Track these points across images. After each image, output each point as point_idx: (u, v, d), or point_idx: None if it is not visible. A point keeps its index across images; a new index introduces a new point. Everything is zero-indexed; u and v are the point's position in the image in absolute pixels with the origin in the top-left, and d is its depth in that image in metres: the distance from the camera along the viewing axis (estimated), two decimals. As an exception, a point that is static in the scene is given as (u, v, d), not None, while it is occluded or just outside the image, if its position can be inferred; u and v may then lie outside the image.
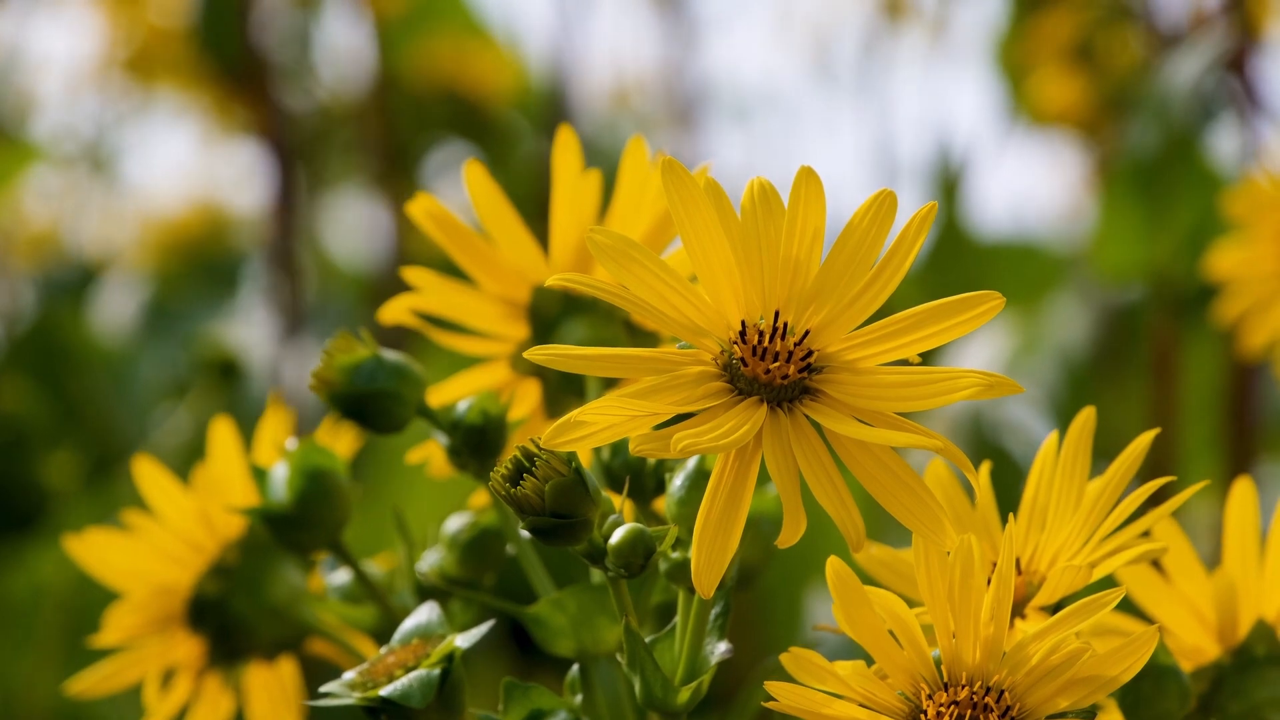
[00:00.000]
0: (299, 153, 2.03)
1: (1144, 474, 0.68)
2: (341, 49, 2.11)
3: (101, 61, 2.47)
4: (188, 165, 2.91)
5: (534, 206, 0.80)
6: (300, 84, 2.03)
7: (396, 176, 2.06)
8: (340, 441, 0.84)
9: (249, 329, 2.09)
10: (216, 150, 2.76)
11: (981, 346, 1.98)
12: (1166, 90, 1.54)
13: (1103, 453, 0.69)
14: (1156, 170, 1.53)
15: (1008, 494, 0.72)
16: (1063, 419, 1.78)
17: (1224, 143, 1.59)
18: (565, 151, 0.79)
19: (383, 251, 2.05)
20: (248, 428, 0.87)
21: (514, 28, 2.43)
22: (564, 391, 0.81)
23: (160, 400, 1.94)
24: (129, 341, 2.04)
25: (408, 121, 2.17)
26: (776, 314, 0.63)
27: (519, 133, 2.34)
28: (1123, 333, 1.82)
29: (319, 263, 2.11)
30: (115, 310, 2.15)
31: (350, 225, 2.38)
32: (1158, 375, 1.60)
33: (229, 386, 1.74)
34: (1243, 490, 0.74)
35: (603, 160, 0.80)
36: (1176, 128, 1.53)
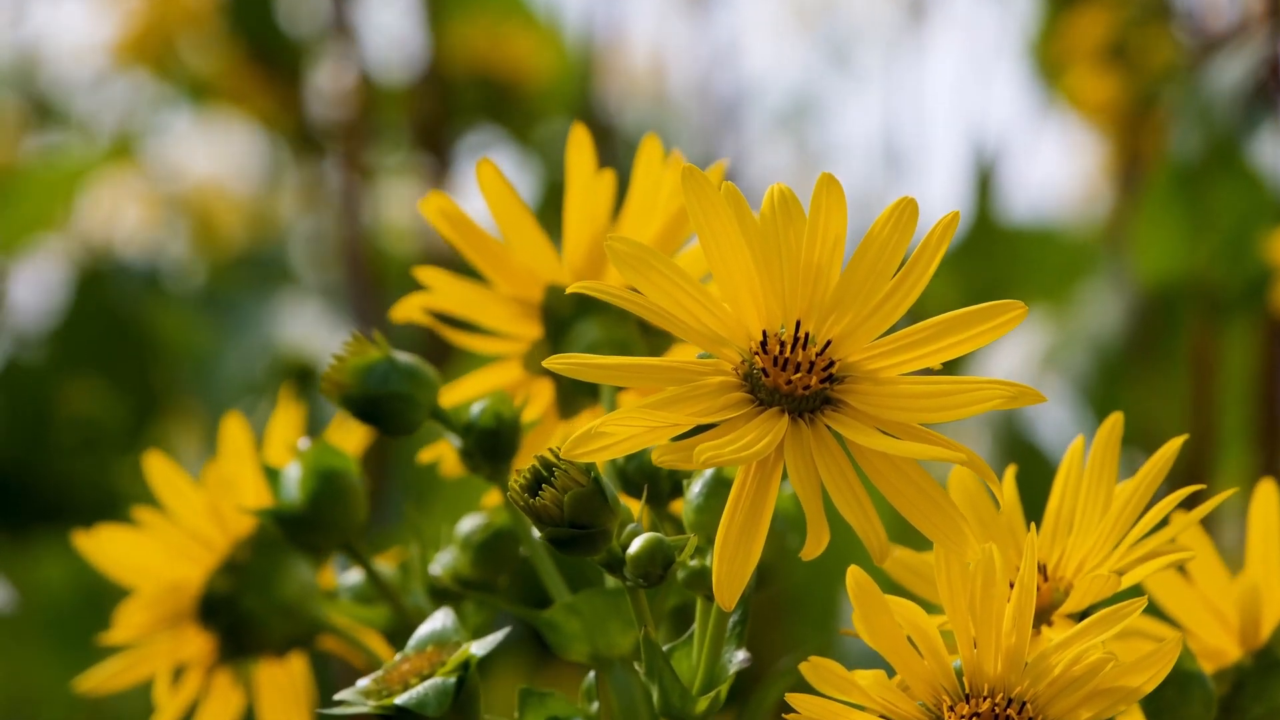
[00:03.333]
0: (332, 137, 2.02)
1: (1181, 468, 0.68)
2: (380, 30, 2.10)
3: (130, 44, 2.44)
4: (222, 152, 2.88)
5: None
6: (334, 66, 2.01)
7: (433, 160, 2.05)
8: (351, 440, 0.84)
9: (303, 321, 2.08)
10: (252, 138, 2.73)
11: (1016, 335, 1.97)
12: (1209, 95, 1.53)
13: (1138, 442, 0.69)
14: (1198, 175, 1.53)
15: (1039, 491, 0.72)
16: (1096, 407, 1.78)
17: (1265, 147, 1.58)
18: (579, 150, 0.78)
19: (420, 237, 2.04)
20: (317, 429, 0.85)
21: (553, 10, 2.41)
22: (577, 391, 0.80)
23: (242, 396, 1.93)
24: (206, 335, 2.02)
25: (441, 105, 2.15)
26: (798, 324, 0.62)
27: (555, 118, 2.32)
28: (1158, 322, 1.81)
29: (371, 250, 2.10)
30: (176, 302, 2.13)
31: (392, 211, 2.35)
32: (1196, 378, 1.60)
33: (306, 393, 1.73)
34: (1267, 492, 0.74)
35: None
36: (1219, 132, 1.52)
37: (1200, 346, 1.62)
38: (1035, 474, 0.76)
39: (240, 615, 0.85)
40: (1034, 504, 0.72)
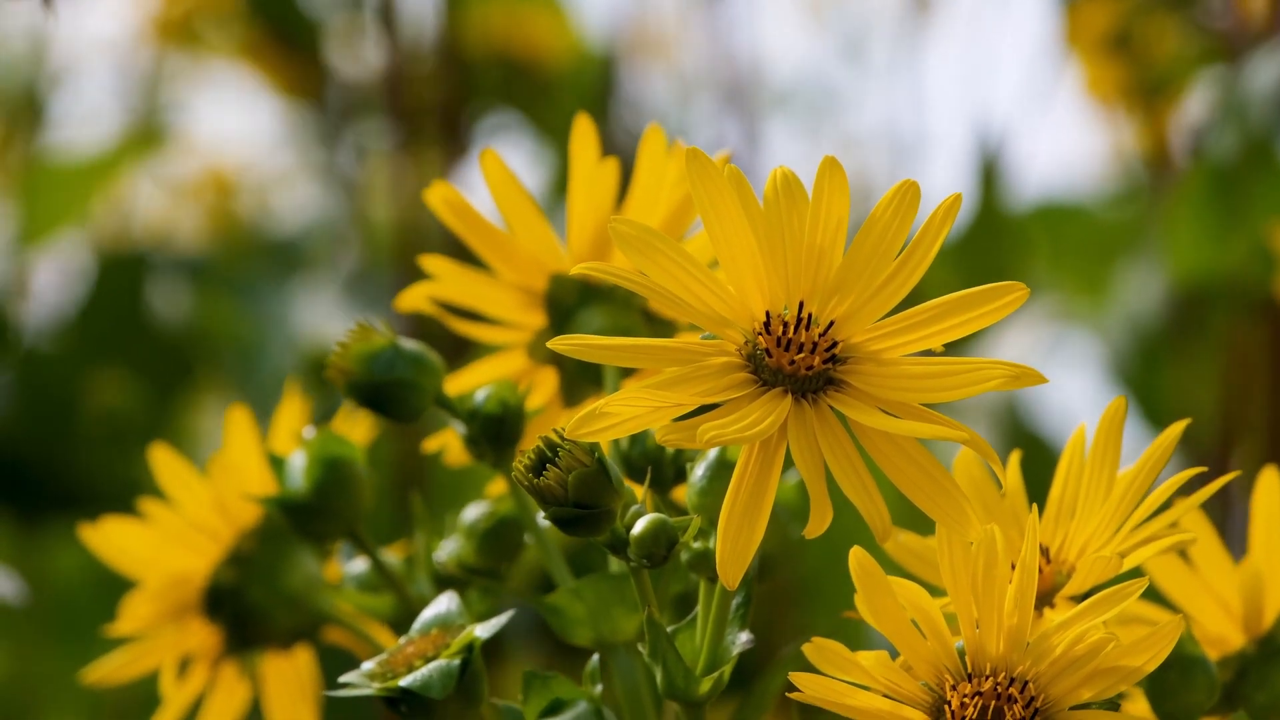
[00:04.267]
0: (354, 117, 2.01)
1: (1211, 455, 0.68)
2: (400, 10, 2.09)
3: (152, 24, 2.43)
4: (244, 138, 2.87)
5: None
6: (354, 46, 2.01)
7: (450, 142, 2.04)
8: (358, 429, 0.84)
9: (327, 307, 2.06)
10: (275, 123, 2.71)
11: (1029, 318, 1.97)
12: (1244, 94, 1.53)
13: (1169, 422, 0.69)
14: (1234, 175, 1.53)
15: (1041, 480, 0.72)
16: (1133, 387, 1.78)
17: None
18: (582, 140, 0.79)
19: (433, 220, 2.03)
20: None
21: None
22: (581, 379, 0.80)
23: (270, 385, 1.92)
24: (231, 323, 2.01)
25: (459, 87, 2.14)
26: (801, 304, 0.63)
27: (574, 101, 2.30)
28: (1194, 305, 1.80)
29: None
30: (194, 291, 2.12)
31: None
32: (1228, 368, 1.59)
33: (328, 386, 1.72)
34: (1270, 479, 0.74)
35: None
36: (1255, 133, 1.52)
37: (1233, 340, 1.62)
38: (1037, 463, 0.76)
39: (246, 607, 0.85)
40: (1037, 494, 0.72)
